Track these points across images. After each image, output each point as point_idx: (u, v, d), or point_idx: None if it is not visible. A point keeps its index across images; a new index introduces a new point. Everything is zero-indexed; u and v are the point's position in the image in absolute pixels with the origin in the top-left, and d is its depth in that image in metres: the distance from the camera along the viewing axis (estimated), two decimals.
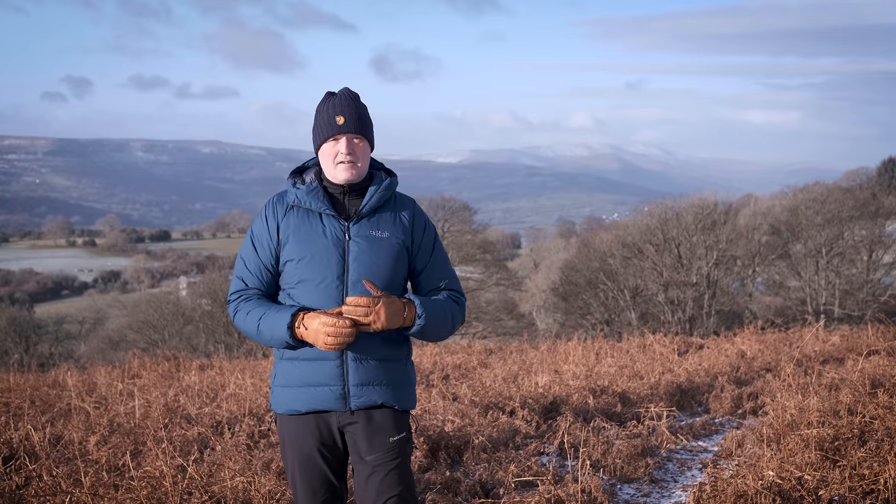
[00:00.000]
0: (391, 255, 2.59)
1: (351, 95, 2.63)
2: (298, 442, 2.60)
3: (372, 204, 2.61)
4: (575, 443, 4.92)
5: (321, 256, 2.54)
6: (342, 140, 2.57)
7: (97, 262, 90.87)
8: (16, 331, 27.66)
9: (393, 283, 2.60)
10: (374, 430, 2.57)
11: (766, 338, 9.82)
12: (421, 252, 2.68)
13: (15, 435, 4.92)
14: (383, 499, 2.56)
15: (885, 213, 29.07)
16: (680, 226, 26.49)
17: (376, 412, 2.58)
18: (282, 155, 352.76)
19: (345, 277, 2.54)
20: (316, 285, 2.54)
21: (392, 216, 2.64)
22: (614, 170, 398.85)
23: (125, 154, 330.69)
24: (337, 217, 2.59)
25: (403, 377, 2.64)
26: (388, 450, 2.58)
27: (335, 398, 2.55)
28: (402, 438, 2.61)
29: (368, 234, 2.59)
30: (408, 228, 2.65)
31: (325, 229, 2.57)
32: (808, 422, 4.66)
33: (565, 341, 10.94)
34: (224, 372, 8.53)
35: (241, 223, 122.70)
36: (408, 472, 2.62)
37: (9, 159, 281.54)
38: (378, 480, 2.56)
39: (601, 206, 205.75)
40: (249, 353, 15.93)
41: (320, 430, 2.58)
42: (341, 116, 2.57)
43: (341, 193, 2.63)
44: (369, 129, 2.64)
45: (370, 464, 2.57)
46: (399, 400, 2.61)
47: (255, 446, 4.89)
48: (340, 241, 2.56)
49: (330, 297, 2.53)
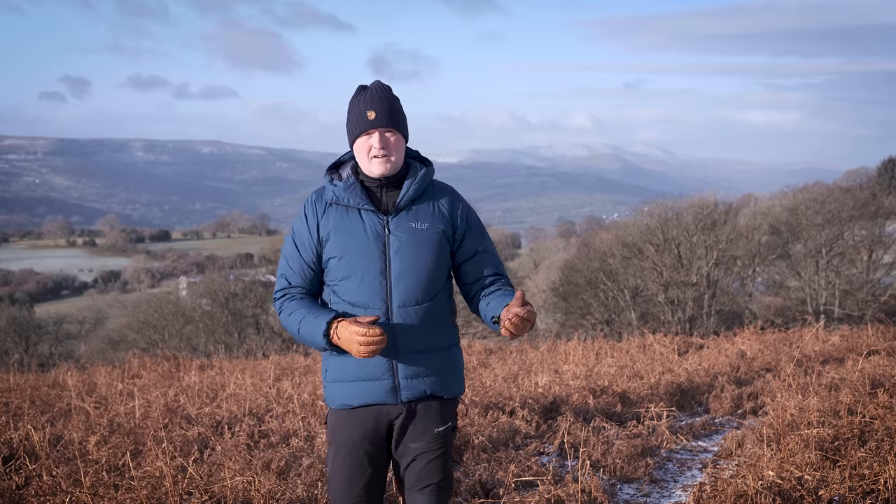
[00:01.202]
0: (432, 247, 2.59)
1: (382, 89, 2.61)
2: (346, 435, 2.61)
3: (409, 196, 2.60)
4: (575, 443, 4.91)
5: (362, 252, 2.54)
6: (374, 135, 2.56)
7: (97, 262, 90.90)
8: (16, 331, 27.66)
9: (437, 273, 2.60)
10: (421, 421, 2.60)
11: (766, 338, 9.82)
12: (464, 240, 2.67)
13: (15, 435, 4.92)
14: (422, 485, 2.61)
15: (885, 213, 29.06)
16: (680, 226, 26.48)
17: (425, 403, 2.61)
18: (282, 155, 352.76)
19: (387, 272, 2.54)
20: (360, 281, 2.54)
21: (431, 206, 2.63)
22: (614, 170, 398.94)
23: (125, 154, 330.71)
24: (375, 212, 2.58)
25: (451, 365, 2.66)
26: (433, 439, 2.62)
27: (386, 391, 2.57)
28: (447, 429, 2.65)
29: (408, 226, 2.58)
30: (447, 218, 2.64)
31: (365, 225, 2.57)
32: (808, 422, 4.66)
33: (565, 341, 10.94)
34: (224, 372, 8.53)
35: (241, 223, 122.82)
36: (449, 461, 2.67)
37: (9, 159, 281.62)
38: (420, 468, 2.61)
39: (601, 206, 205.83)
40: (249, 354, 15.93)
41: (370, 423, 2.60)
42: (372, 111, 2.56)
43: (378, 187, 2.62)
44: (402, 121, 2.63)
45: (413, 451, 2.61)
46: (447, 388, 2.64)
47: (255, 446, 4.89)
48: (380, 236, 2.56)
49: (374, 293, 2.53)
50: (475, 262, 2.67)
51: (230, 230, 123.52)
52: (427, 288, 2.57)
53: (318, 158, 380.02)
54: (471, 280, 2.67)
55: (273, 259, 31.49)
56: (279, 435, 5.08)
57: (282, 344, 23.89)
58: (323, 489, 3.95)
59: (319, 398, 6.05)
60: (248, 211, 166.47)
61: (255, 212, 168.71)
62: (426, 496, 2.62)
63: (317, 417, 5.38)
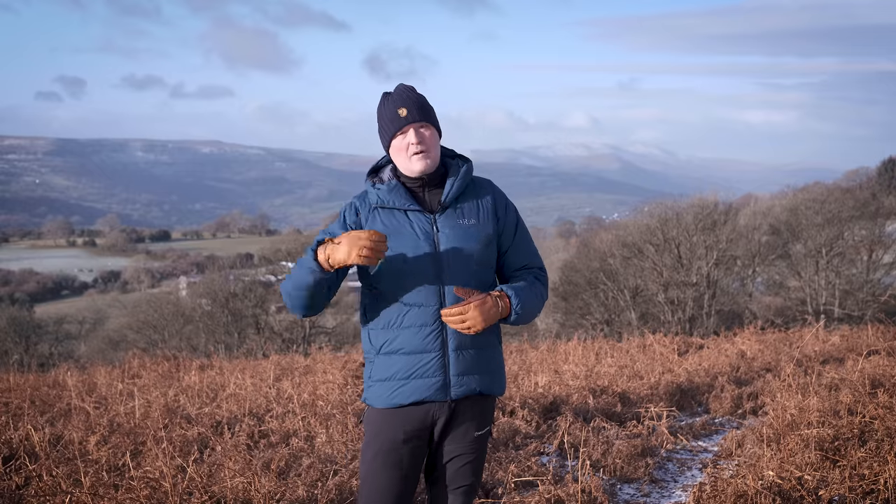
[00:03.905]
0: (481, 242, 2.60)
1: (408, 88, 2.63)
2: (390, 435, 2.60)
3: (454, 193, 2.61)
4: (575, 443, 4.91)
5: (413, 252, 2.55)
6: (410, 131, 2.57)
7: (97, 262, 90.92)
8: (16, 331, 27.67)
9: (486, 267, 2.62)
10: (464, 422, 2.63)
11: (766, 338, 9.82)
12: (505, 233, 2.69)
13: (15, 435, 4.92)
14: (455, 485, 2.65)
15: (885, 213, 29.07)
16: (680, 226, 26.48)
17: (470, 401, 2.62)
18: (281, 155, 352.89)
19: (439, 270, 2.55)
20: (412, 280, 2.55)
21: (475, 203, 2.65)
22: (614, 170, 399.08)
23: (125, 154, 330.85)
24: (422, 211, 2.59)
25: (498, 363, 2.69)
26: (471, 442, 2.65)
27: (437, 389, 2.57)
28: (485, 433, 2.68)
29: (456, 223, 2.59)
30: (491, 212, 2.66)
31: (413, 224, 2.57)
32: (808, 422, 4.66)
33: (565, 341, 10.94)
34: (224, 372, 8.52)
35: (241, 223, 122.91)
36: (483, 463, 2.71)
37: (9, 159, 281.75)
38: (455, 469, 2.65)
39: (601, 206, 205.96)
40: (249, 354, 15.94)
41: (416, 422, 2.60)
42: (403, 108, 2.57)
43: (420, 187, 2.62)
44: (433, 116, 2.63)
45: (451, 451, 2.64)
46: (494, 386, 2.66)
47: (255, 446, 4.89)
48: (430, 235, 2.57)
49: (427, 291, 2.55)
50: (511, 255, 2.70)
51: (230, 230, 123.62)
52: (478, 283, 2.59)
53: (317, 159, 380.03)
54: (510, 271, 2.71)
55: (273, 259, 31.48)
56: (279, 435, 5.08)
57: (282, 344, 23.91)
58: (323, 489, 3.95)
59: (319, 398, 6.04)
60: (248, 211, 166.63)
61: (255, 212, 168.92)
62: (458, 496, 2.67)
63: (317, 417, 5.38)
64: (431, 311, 2.55)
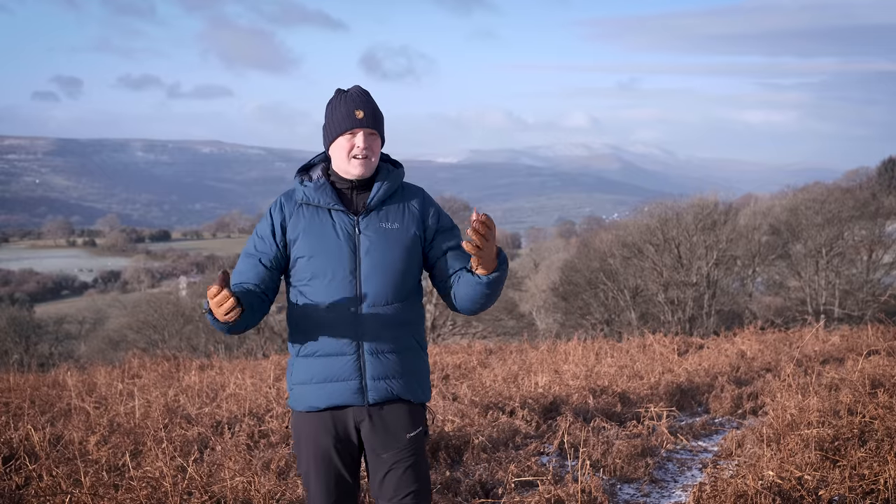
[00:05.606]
0: (403, 246, 2.58)
1: (365, 92, 2.63)
2: (315, 439, 2.58)
3: (380, 196, 2.60)
4: (575, 443, 4.91)
5: (332, 252, 2.54)
6: (359, 134, 2.56)
7: (97, 262, 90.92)
8: (16, 331, 27.66)
9: (407, 273, 2.59)
10: (391, 426, 2.57)
11: (766, 338, 9.81)
12: (437, 236, 2.65)
13: (15, 435, 4.92)
14: (401, 495, 2.57)
15: (885, 213, 29.09)
16: (680, 226, 26.50)
17: (392, 406, 2.58)
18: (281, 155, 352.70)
19: (357, 272, 2.53)
20: (329, 281, 2.53)
21: (401, 207, 2.63)
22: (614, 170, 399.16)
23: (125, 154, 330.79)
24: (346, 212, 2.58)
25: (419, 369, 2.64)
26: (405, 446, 2.58)
27: (352, 393, 2.54)
28: (418, 434, 2.62)
29: (378, 226, 2.58)
30: (418, 217, 2.63)
31: (335, 224, 2.57)
32: (808, 422, 4.66)
33: (565, 341, 10.94)
34: (224, 372, 8.53)
35: (241, 223, 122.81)
36: (425, 466, 2.63)
37: (9, 159, 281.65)
38: (396, 478, 2.57)
39: (601, 206, 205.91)
40: (249, 354, 15.94)
41: (337, 426, 2.57)
42: (361, 111, 2.56)
43: (349, 189, 2.62)
44: (382, 125, 2.64)
45: (387, 461, 2.58)
46: (415, 392, 2.61)
47: (255, 446, 4.89)
48: (351, 236, 2.56)
49: (343, 292, 2.52)
50: (447, 259, 2.64)
51: (230, 230, 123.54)
52: (397, 287, 2.56)
53: None
54: (444, 277, 2.63)
55: None
56: (279, 435, 5.08)
57: (282, 344, 23.89)
58: None
59: None
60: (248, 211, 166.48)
61: (255, 212, 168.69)
62: None
63: None
64: (348, 313, 2.52)
